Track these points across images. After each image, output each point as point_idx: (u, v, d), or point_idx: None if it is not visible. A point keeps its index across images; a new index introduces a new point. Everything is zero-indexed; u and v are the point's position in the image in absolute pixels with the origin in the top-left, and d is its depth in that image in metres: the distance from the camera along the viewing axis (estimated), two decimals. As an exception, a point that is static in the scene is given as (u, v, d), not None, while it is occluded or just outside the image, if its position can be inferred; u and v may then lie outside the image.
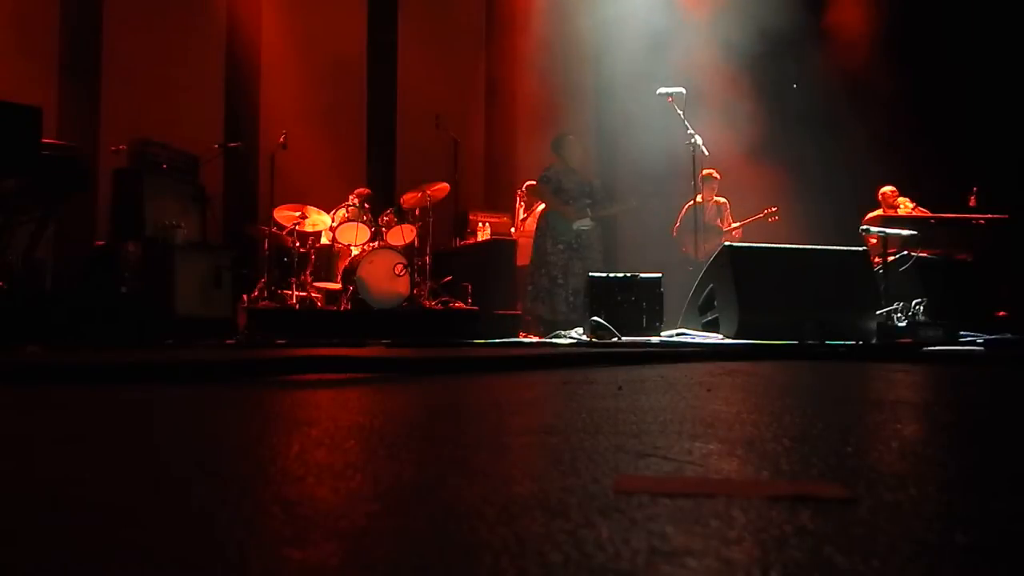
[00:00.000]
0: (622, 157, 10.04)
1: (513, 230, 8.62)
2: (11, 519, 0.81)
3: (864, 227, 7.06)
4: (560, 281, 6.87)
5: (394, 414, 1.82)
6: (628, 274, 6.30)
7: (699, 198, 7.51)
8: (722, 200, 8.35)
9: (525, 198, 8.45)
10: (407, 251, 7.39)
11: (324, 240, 7.60)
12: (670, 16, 9.80)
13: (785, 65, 9.17)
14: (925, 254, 7.12)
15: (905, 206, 7.96)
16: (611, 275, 6.31)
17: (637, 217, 8.52)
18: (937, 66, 8.32)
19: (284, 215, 7.52)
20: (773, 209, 8.10)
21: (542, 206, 8.11)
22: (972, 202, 7.51)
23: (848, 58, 9.19)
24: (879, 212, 7.83)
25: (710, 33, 9.46)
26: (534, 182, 8.38)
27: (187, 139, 7.19)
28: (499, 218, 8.89)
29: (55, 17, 8.61)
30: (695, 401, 1.97)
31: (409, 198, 7.75)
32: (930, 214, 7.76)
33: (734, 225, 8.16)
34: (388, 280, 7.08)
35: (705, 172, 7.90)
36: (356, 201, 7.74)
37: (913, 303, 5.97)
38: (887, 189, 8.08)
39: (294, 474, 1.02)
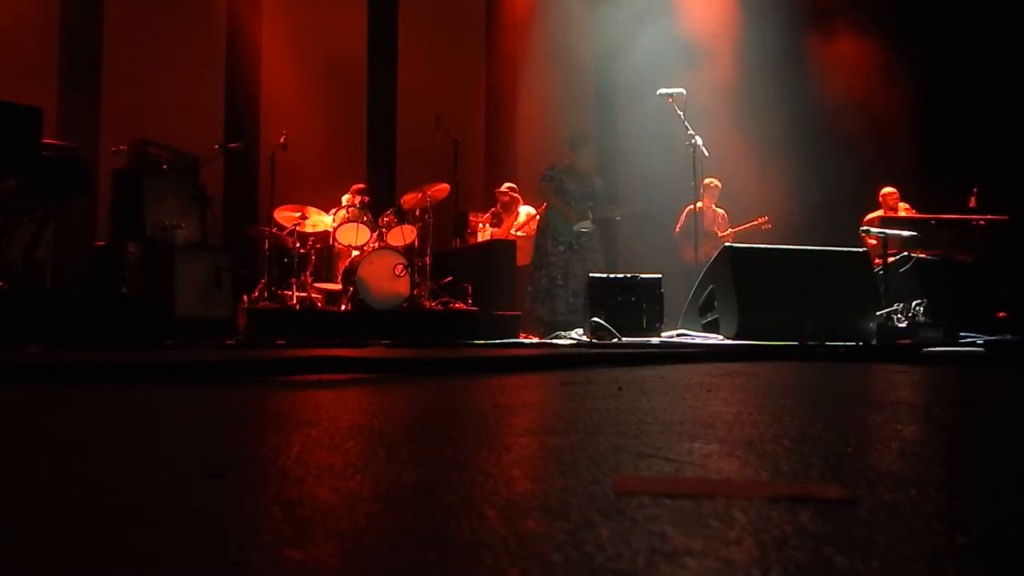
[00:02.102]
0: (622, 158, 10.05)
1: (483, 226, 8.58)
2: (11, 519, 0.81)
3: (864, 228, 7.07)
4: (560, 282, 6.87)
5: (394, 415, 1.82)
6: (628, 275, 6.30)
7: (699, 204, 7.61)
8: (721, 211, 8.43)
9: (504, 200, 8.38)
10: (407, 252, 7.38)
11: (324, 240, 7.60)
12: (671, 16, 9.81)
13: (786, 66, 9.18)
14: (925, 255, 7.12)
15: (907, 212, 7.96)
16: (611, 275, 6.31)
17: (638, 219, 8.54)
18: (937, 66, 8.32)
19: (284, 215, 7.52)
20: (765, 219, 8.21)
21: (523, 210, 8.13)
22: (972, 203, 7.51)
23: (849, 59, 9.19)
24: (879, 213, 7.84)
25: (711, 34, 9.47)
26: (513, 184, 8.38)
27: (187, 139, 7.19)
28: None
29: (55, 17, 8.61)
30: (695, 402, 1.97)
31: (409, 199, 7.75)
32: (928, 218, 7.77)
33: (727, 232, 8.22)
34: (388, 281, 7.08)
35: (707, 180, 8.06)
36: (356, 201, 7.74)
37: (913, 304, 5.97)
38: (888, 190, 8.09)
39: (294, 474, 1.02)
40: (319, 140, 9.10)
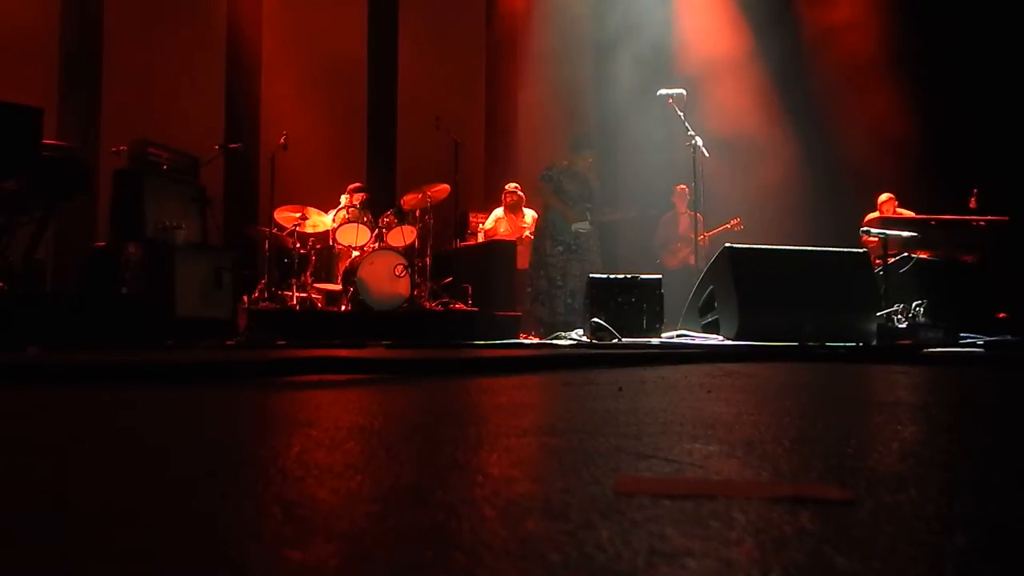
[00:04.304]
0: (622, 159, 10.06)
1: (481, 226, 8.58)
2: (11, 520, 0.81)
3: (864, 228, 7.07)
4: (559, 283, 6.87)
5: (394, 415, 1.82)
6: (628, 275, 6.30)
7: (673, 211, 8.18)
8: (692, 214, 8.47)
9: (513, 200, 8.38)
10: (407, 252, 7.39)
11: (324, 241, 7.61)
12: (671, 18, 9.82)
13: (786, 66, 9.18)
14: (925, 256, 7.12)
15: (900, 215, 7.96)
16: (611, 276, 6.31)
17: (636, 220, 8.59)
18: (938, 67, 8.32)
19: (284, 216, 7.52)
20: (737, 220, 8.28)
21: (528, 212, 8.14)
22: (972, 203, 7.50)
23: (849, 59, 9.19)
24: (876, 214, 7.84)
25: (711, 35, 9.48)
26: (518, 184, 8.38)
27: (187, 140, 7.19)
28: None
29: (56, 18, 8.62)
30: (695, 402, 1.97)
31: (409, 199, 7.75)
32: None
33: (702, 236, 8.24)
34: (388, 281, 7.08)
35: (678, 187, 8.40)
36: (354, 200, 7.75)
37: (913, 304, 5.97)
38: (885, 197, 8.08)
39: (294, 475, 1.02)
40: (319, 140, 9.10)
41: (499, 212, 8.44)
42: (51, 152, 5.55)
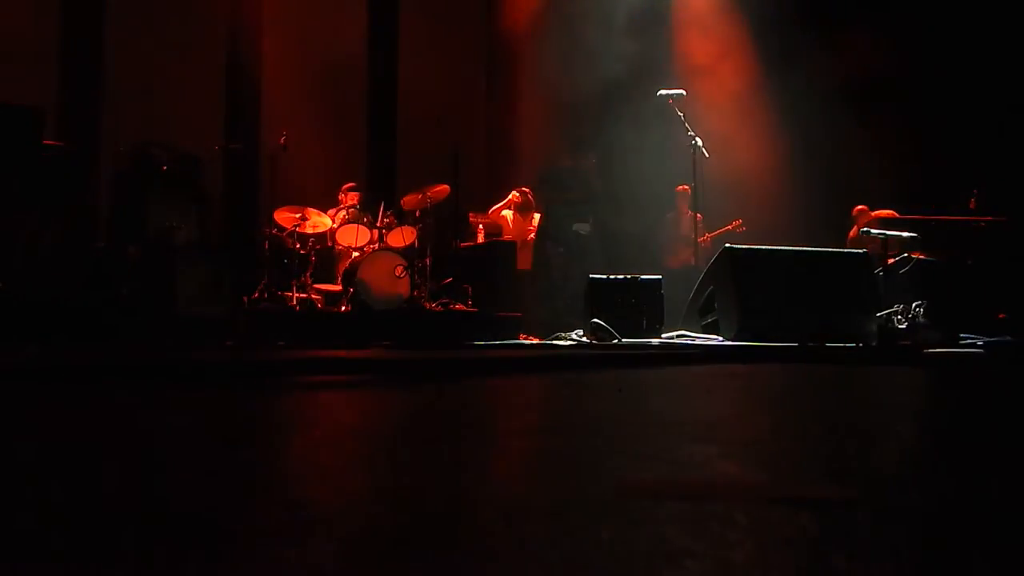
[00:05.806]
0: (623, 160, 10.05)
1: (481, 227, 8.58)
2: (10, 519, 0.81)
3: (865, 229, 7.07)
4: (559, 283, 6.87)
5: (394, 415, 1.82)
6: (628, 276, 6.29)
7: (675, 212, 8.19)
8: (693, 215, 8.47)
9: (524, 200, 8.39)
10: (407, 253, 7.38)
11: (324, 241, 7.60)
12: (672, 18, 9.84)
13: (786, 67, 9.18)
14: (925, 256, 7.12)
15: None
16: (612, 277, 6.30)
17: (637, 220, 8.58)
18: (938, 68, 8.32)
19: (284, 216, 7.51)
20: (739, 221, 8.29)
21: (536, 217, 8.15)
22: (972, 205, 7.50)
23: (850, 60, 9.19)
24: (855, 229, 7.86)
25: (711, 35, 9.49)
26: (527, 189, 8.38)
27: (187, 140, 7.18)
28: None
29: (56, 18, 8.62)
30: (695, 403, 1.97)
31: (410, 200, 7.74)
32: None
33: (704, 236, 8.25)
34: (388, 282, 7.07)
35: (679, 188, 8.33)
36: (352, 200, 7.74)
37: (913, 305, 5.96)
38: (859, 208, 8.09)
39: (295, 474, 1.02)
40: (319, 140, 9.09)
41: (508, 211, 8.46)
42: (51, 152, 5.55)
